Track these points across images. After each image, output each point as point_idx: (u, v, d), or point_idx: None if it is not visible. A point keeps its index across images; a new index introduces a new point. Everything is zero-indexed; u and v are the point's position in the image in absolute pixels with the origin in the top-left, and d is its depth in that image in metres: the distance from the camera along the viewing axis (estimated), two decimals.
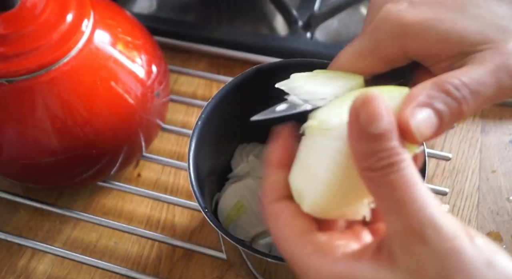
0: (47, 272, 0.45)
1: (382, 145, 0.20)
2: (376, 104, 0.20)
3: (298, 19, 0.58)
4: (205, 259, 0.45)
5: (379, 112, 0.20)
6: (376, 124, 0.20)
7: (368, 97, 0.21)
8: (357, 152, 0.21)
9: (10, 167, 0.42)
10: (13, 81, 0.37)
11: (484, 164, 0.50)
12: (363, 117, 0.20)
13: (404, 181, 0.20)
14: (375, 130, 0.20)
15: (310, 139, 0.25)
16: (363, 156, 0.21)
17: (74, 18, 0.38)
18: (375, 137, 0.20)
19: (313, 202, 0.24)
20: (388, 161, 0.20)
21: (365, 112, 0.20)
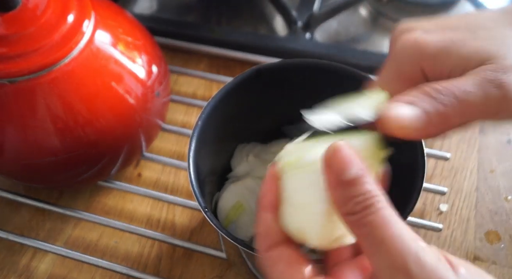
0: (48, 271, 0.45)
1: (356, 190, 0.22)
2: (344, 153, 0.22)
3: (297, 20, 0.58)
4: (205, 259, 0.45)
5: (348, 160, 0.22)
6: (347, 172, 0.22)
7: (336, 148, 0.23)
8: (335, 199, 0.23)
9: (12, 166, 0.42)
10: (15, 82, 0.37)
11: (483, 163, 0.50)
12: (334, 167, 0.22)
13: (382, 221, 0.21)
14: (347, 177, 0.22)
15: (292, 177, 0.26)
16: (341, 202, 0.22)
17: (75, 19, 0.38)
18: (348, 183, 0.22)
19: (317, 236, 0.25)
20: (364, 204, 0.22)
21: (335, 162, 0.22)
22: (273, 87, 0.41)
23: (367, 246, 0.22)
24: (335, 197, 0.23)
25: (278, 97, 0.42)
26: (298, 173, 0.25)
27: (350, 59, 0.54)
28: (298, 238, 0.26)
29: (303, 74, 0.40)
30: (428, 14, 0.60)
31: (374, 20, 0.61)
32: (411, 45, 0.27)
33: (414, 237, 0.21)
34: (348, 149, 0.23)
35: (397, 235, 0.21)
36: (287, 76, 0.40)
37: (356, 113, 0.26)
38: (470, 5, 0.60)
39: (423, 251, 0.21)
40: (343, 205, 0.22)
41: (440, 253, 0.21)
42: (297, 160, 0.25)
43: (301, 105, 0.42)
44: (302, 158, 0.25)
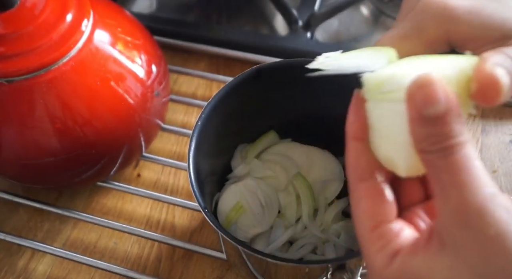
0: (47, 273, 0.45)
1: (437, 129, 0.21)
2: (432, 87, 0.21)
3: (298, 19, 0.58)
4: (205, 260, 0.45)
5: (435, 95, 0.21)
6: (431, 108, 0.21)
7: (424, 81, 0.21)
8: (414, 133, 0.22)
9: (10, 167, 0.42)
10: (13, 81, 0.37)
11: (485, 164, 0.50)
12: (418, 100, 0.21)
13: (458, 165, 0.21)
14: (430, 114, 0.21)
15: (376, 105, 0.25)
16: (419, 138, 0.21)
17: (74, 18, 0.38)
18: (430, 120, 0.21)
19: (405, 166, 0.24)
20: (443, 144, 0.21)
21: (420, 95, 0.21)
22: (273, 87, 0.41)
23: (437, 189, 0.21)
24: (414, 131, 0.22)
25: (279, 97, 0.42)
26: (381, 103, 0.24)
27: None
28: (387, 165, 0.25)
29: (304, 74, 0.40)
30: None
31: (375, 19, 0.61)
32: (439, 6, 0.26)
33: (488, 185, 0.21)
34: (439, 84, 0.21)
35: (469, 182, 0.20)
36: (288, 76, 0.40)
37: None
38: None
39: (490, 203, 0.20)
40: (420, 141, 0.21)
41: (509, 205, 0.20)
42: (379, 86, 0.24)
43: (301, 105, 0.42)
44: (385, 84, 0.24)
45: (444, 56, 0.25)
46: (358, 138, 0.25)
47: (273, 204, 0.42)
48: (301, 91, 0.41)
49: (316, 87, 0.40)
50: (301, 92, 0.41)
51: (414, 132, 0.22)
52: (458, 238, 0.21)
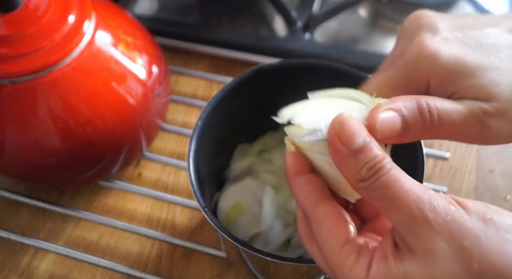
0: (49, 271, 0.45)
1: (366, 157, 0.23)
2: (350, 124, 0.24)
3: (297, 20, 0.58)
4: (205, 258, 0.45)
5: (356, 130, 0.24)
6: (356, 141, 0.23)
7: (342, 120, 0.24)
8: (346, 170, 0.24)
9: (13, 166, 0.42)
10: (16, 82, 0.37)
11: (482, 163, 0.50)
12: (344, 139, 0.23)
13: (393, 180, 0.23)
14: (356, 146, 0.23)
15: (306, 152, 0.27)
16: (353, 171, 0.24)
17: (76, 20, 0.39)
18: (358, 151, 0.23)
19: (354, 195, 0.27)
20: (376, 167, 0.23)
21: (343, 134, 0.24)
22: (273, 87, 0.41)
23: (383, 206, 0.23)
24: (346, 168, 0.24)
25: (278, 97, 0.42)
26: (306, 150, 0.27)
27: (350, 60, 0.54)
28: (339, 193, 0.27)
29: (303, 75, 0.40)
30: None
31: (373, 21, 0.61)
32: (428, 55, 0.27)
33: (424, 188, 0.23)
34: (353, 120, 0.24)
35: (409, 189, 0.23)
36: (287, 76, 0.41)
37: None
38: (469, 6, 0.60)
39: (434, 198, 0.22)
40: (355, 174, 0.23)
41: (448, 197, 0.23)
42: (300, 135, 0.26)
43: None
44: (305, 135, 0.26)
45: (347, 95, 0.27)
46: (302, 173, 0.27)
47: (272, 204, 0.43)
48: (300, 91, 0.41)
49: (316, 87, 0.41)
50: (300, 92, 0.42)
51: (345, 169, 0.24)
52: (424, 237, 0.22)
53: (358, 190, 0.24)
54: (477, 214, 0.22)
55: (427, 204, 0.22)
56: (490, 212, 0.23)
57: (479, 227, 0.22)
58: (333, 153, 0.24)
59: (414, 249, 0.23)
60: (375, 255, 0.24)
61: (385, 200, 0.23)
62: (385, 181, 0.23)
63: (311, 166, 0.27)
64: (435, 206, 0.22)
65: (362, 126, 0.24)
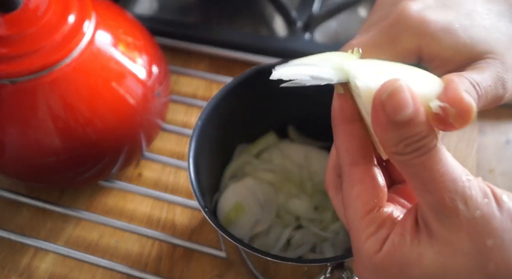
0: (49, 271, 0.45)
1: (409, 132, 0.21)
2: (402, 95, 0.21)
3: (297, 20, 0.58)
4: (205, 258, 0.46)
5: (406, 101, 0.21)
6: (402, 113, 0.21)
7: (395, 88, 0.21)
8: (383, 139, 0.22)
9: (13, 166, 0.42)
10: (16, 82, 0.37)
11: (482, 164, 0.50)
12: (389, 108, 0.21)
13: (432, 161, 0.22)
14: (402, 119, 0.21)
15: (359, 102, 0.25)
16: (391, 143, 0.22)
17: (76, 20, 0.39)
18: (402, 124, 0.21)
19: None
20: (417, 145, 0.21)
21: (391, 103, 0.21)
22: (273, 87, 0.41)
23: (416, 184, 0.22)
24: (384, 138, 0.22)
25: (278, 98, 0.42)
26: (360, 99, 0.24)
27: None
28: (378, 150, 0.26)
29: None
30: None
31: None
32: (415, 19, 0.26)
33: (462, 174, 0.22)
34: (407, 90, 0.21)
35: (447, 174, 0.21)
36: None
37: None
38: None
39: (470, 189, 0.21)
40: (392, 145, 0.22)
41: (488, 189, 0.22)
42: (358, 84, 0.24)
43: (301, 106, 0.43)
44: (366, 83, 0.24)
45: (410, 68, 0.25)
46: (350, 120, 0.25)
47: (272, 204, 0.43)
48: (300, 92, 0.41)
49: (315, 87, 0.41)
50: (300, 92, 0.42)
51: (383, 138, 0.22)
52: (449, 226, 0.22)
53: (392, 160, 0.23)
54: (509, 213, 0.21)
55: (460, 193, 0.21)
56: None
57: (507, 228, 0.21)
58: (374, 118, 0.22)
59: (435, 234, 0.22)
60: (393, 230, 0.23)
61: (419, 179, 0.22)
62: (423, 161, 0.22)
63: (359, 113, 0.25)
64: (468, 198, 0.21)
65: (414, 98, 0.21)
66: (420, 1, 0.27)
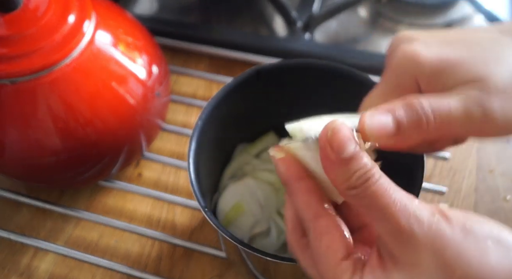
0: (49, 271, 0.45)
1: (357, 165, 0.23)
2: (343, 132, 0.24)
3: (297, 20, 0.58)
4: (205, 258, 0.46)
5: (347, 137, 0.24)
6: (347, 149, 0.23)
7: (335, 128, 0.24)
8: (335, 178, 0.24)
9: (13, 166, 0.42)
10: (16, 82, 0.37)
11: (482, 164, 0.50)
12: (335, 145, 0.24)
13: (383, 190, 0.23)
14: (347, 155, 0.23)
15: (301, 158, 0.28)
16: (343, 179, 0.24)
17: (76, 20, 0.39)
18: (349, 159, 0.23)
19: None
20: (366, 176, 0.23)
21: (335, 141, 0.24)
22: (273, 87, 0.41)
23: (372, 215, 0.24)
24: (336, 175, 0.24)
25: (278, 97, 0.42)
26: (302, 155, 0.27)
27: (350, 60, 0.54)
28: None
29: (303, 75, 0.40)
30: (427, 15, 0.60)
31: (373, 21, 0.61)
32: (409, 58, 0.27)
33: (410, 198, 0.23)
34: (345, 128, 0.24)
35: (398, 200, 0.23)
36: (287, 76, 0.41)
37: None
38: (469, 5, 0.60)
39: (419, 209, 0.23)
40: (344, 181, 0.24)
41: (433, 207, 0.23)
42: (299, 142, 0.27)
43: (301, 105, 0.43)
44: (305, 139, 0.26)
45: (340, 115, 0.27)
46: (301, 177, 0.27)
47: (272, 204, 0.43)
48: (300, 92, 0.42)
49: (316, 87, 0.41)
50: (300, 92, 0.42)
51: (335, 177, 0.24)
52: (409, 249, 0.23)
53: (346, 197, 0.25)
54: (458, 225, 0.23)
55: (412, 215, 0.23)
56: (469, 222, 0.23)
57: (460, 238, 0.22)
58: (323, 159, 0.25)
59: (399, 260, 0.23)
60: (364, 272, 0.24)
61: (374, 209, 0.23)
62: (374, 190, 0.23)
63: (306, 170, 0.27)
64: (420, 218, 0.23)
65: (353, 135, 0.24)
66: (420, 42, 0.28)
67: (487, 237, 0.23)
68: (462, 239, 0.22)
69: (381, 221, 0.23)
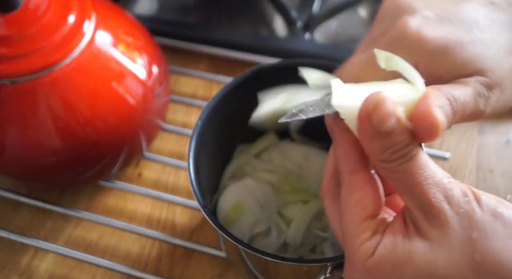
0: (49, 271, 0.45)
1: (394, 140, 0.23)
2: (385, 106, 0.23)
3: (297, 20, 0.58)
4: (205, 258, 0.46)
5: (389, 112, 0.23)
6: (387, 123, 0.23)
7: (379, 101, 0.23)
8: (370, 149, 0.24)
9: (13, 166, 0.42)
10: (16, 82, 0.37)
11: (482, 164, 0.50)
12: (375, 119, 0.23)
13: (416, 167, 0.23)
14: (386, 129, 0.23)
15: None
16: (377, 151, 0.24)
17: (76, 20, 0.39)
18: (387, 134, 0.23)
19: None
20: (401, 152, 0.23)
21: (377, 114, 0.23)
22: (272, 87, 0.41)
23: (402, 188, 0.24)
24: (370, 147, 0.24)
25: None
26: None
27: None
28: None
29: None
30: None
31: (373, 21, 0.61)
32: (413, 35, 0.27)
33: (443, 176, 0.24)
34: (390, 102, 0.23)
35: (430, 178, 0.23)
36: (287, 76, 0.41)
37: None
38: None
39: (450, 188, 0.23)
40: (378, 154, 0.24)
41: (467, 188, 0.24)
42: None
43: None
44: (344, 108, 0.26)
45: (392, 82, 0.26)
46: (348, 130, 0.26)
47: (272, 204, 0.43)
48: None
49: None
50: None
51: (370, 148, 0.24)
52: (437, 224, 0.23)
53: (379, 168, 0.25)
54: (488, 208, 0.23)
55: (443, 194, 0.23)
56: (501, 206, 0.23)
57: (488, 221, 0.23)
58: (360, 129, 0.24)
59: (424, 232, 0.24)
60: (385, 234, 0.25)
61: (405, 184, 0.24)
62: (407, 167, 0.23)
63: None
64: (451, 197, 0.23)
65: (395, 109, 0.23)
66: (419, 16, 0.27)
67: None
68: (490, 222, 0.23)
69: (411, 196, 0.24)
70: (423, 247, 0.23)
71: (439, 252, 0.23)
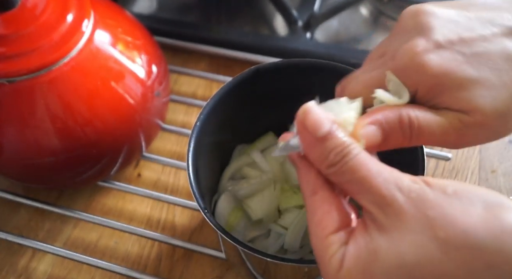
0: (48, 272, 0.45)
1: (333, 143, 0.25)
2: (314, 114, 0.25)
3: (298, 19, 0.58)
4: (205, 259, 0.45)
5: (320, 116, 0.25)
6: (322, 127, 0.25)
7: (307, 109, 0.25)
8: (315, 157, 0.25)
9: (11, 167, 0.42)
10: (14, 81, 0.37)
11: (484, 164, 0.50)
12: (310, 126, 0.25)
13: (361, 163, 0.24)
14: (322, 133, 0.25)
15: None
16: (322, 157, 0.25)
17: (75, 19, 0.38)
18: (325, 137, 0.25)
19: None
20: (344, 152, 0.24)
21: (309, 120, 0.25)
22: (273, 87, 0.41)
23: (353, 189, 0.25)
24: (314, 155, 0.25)
25: (278, 97, 0.42)
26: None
27: (351, 59, 0.54)
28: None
29: (303, 74, 0.40)
30: None
31: (374, 20, 0.61)
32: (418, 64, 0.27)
33: (390, 170, 0.24)
34: (316, 109, 0.25)
35: (377, 171, 0.24)
36: (287, 76, 0.40)
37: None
38: None
39: (399, 178, 0.24)
40: (323, 160, 0.25)
41: (415, 177, 0.24)
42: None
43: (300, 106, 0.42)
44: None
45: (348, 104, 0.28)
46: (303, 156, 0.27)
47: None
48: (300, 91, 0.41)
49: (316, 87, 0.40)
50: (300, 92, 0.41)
51: (314, 156, 0.25)
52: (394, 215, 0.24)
53: (328, 176, 0.25)
54: (439, 187, 0.23)
55: (393, 183, 0.24)
56: (452, 184, 0.24)
57: (442, 197, 0.23)
58: (302, 141, 0.26)
59: (382, 225, 0.24)
60: (348, 243, 0.25)
61: (354, 183, 0.24)
62: (353, 164, 0.24)
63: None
64: (401, 185, 0.24)
65: (327, 115, 0.25)
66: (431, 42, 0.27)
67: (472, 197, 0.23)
68: (444, 198, 0.23)
69: (363, 193, 0.24)
70: (385, 241, 0.23)
71: (400, 241, 0.23)
